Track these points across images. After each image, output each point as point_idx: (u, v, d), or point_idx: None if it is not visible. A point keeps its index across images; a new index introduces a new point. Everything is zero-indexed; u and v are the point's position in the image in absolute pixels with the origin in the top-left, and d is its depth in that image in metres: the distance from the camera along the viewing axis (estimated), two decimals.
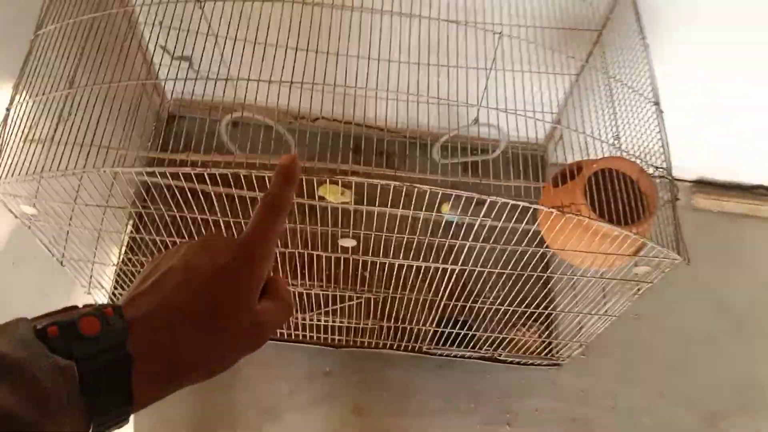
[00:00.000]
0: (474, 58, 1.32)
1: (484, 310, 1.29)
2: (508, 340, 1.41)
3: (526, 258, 1.08)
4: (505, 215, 0.94)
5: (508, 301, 1.23)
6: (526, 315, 1.32)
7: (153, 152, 1.57)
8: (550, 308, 1.26)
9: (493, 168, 1.52)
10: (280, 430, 1.43)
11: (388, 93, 1.19)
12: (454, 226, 1.25)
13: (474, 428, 1.46)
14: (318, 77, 1.17)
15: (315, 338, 1.45)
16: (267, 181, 0.94)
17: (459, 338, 1.39)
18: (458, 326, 1.36)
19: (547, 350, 1.45)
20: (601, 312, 1.21)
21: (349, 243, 1.02)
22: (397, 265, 1.13)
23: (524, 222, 1.01)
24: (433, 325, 1.36)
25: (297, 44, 1.19)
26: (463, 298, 1.26)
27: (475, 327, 1.37)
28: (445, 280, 1.16)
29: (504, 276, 1.17)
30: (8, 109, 1.01)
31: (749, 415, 1.53)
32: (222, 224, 1.09)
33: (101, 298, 1.34)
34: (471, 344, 1.42)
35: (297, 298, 1.28)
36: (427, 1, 1.24)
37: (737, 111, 1.60)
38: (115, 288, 1.31)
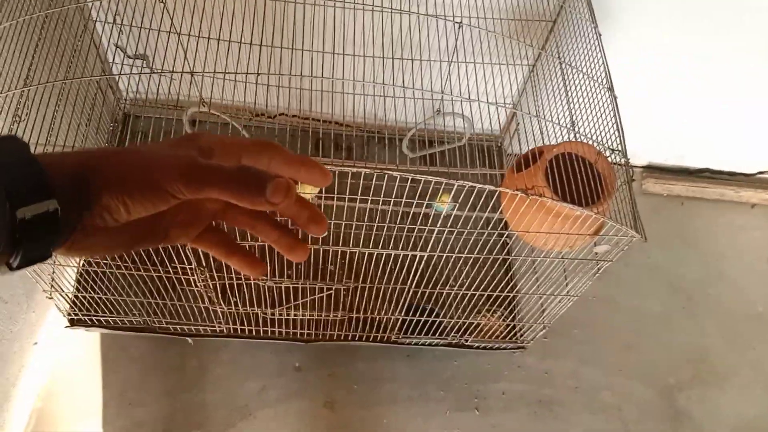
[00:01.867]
0: (435, 51, 1.34)
1: (450, 296, 1.32)
2: (474, 325, 1.44)
3: (489, 243, 1.11)
4: (470, 202, 0.97)
5: (472, 287, 1.26)
6: (491, 299, 1.36)
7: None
8: (513, 291, 1.29)
9: (454, 159, 1.55)
10: (252, 427, 1.42)
11: (347, 85, 1.20)
12: (421, 216, 1.27)
13: (444, 414, 1.49)
14: (276, 74, 1.17)
15: (284, 333, 1.45)
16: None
17: (426, 326, 1.41)
18: (425, 314, 1.38)
19: (511, 334, 1.48)
20: (563, 293, 1.25)
21: None
22: (358, 254, 1.14)
23: (487, 209, 1.04)
24: (401, 314, 1.38)
25: (261, 41, 1.19)
26: (429, 286, 1.28)
27: (441, 314, 1.40)
28: (413, 268, 1.18)
29: (467, 261, 1.20)
30: None
31: (702, 386, 1.61)
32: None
33: (62, 302, 1.31)
34: (438, 332, 1.45)
35: (267, 293, 1.28)
36: None
37: (683, 98, 1.68)
38: (78, 291, 1.28)
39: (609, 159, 1.10)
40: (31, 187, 0.32)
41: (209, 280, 1.18)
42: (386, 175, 0.95)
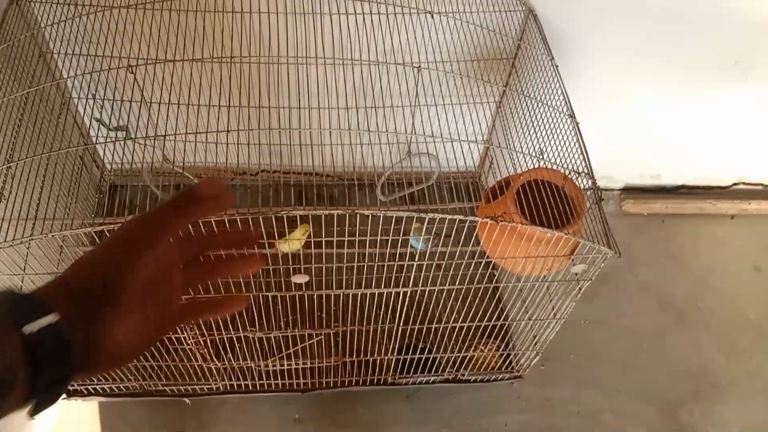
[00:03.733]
0: (405, 95, 1.40)
1: (442, 331, 1.34)
2: (468, 358, 1.45)
3: (476, 276, 1.14)
4: (452, 237, 1.00)
5: (462, 318, 1.28)
6: (482, 330, 1.37)
7: (98, 219, 1.57)
8: (502, 319, 1.31)
9: (433, 197, 1.59)
10: None
11: (316, 136, 1.24)
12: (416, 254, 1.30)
13: None
14: (253, 132, 1.21)
15: (281, 385, 1.45)
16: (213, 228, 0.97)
17: (422, 364, 1.42)
18: (419, 352, 1.39)
19: (506, 363, 1.49)
20: (550, 316, 1.27)
21: (302, 279, 1.05)
22: (351, 296, 1.16)
23: (470, 243, 1.07)
24: (395, 354, 1.39)
25: (229, 102, 1.25)
26: (419, 322, 1.30)
27: (435, 350, 1.41)
28: (402, 306, 1.21)
29: (456, 295, 1.22)
30: None
31: (703, 400, 1.61)
32: None
33: None
34: (434, 368, 1.46)
35: (257, 345, 1.30)
36: (352, 47, 1.31)
37: (651, 119, 1.73)
38: None
39: (576, 182, 1.14)
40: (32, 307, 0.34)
41: (199, 337, 1.19)
42: (369, 218, 0.98)
